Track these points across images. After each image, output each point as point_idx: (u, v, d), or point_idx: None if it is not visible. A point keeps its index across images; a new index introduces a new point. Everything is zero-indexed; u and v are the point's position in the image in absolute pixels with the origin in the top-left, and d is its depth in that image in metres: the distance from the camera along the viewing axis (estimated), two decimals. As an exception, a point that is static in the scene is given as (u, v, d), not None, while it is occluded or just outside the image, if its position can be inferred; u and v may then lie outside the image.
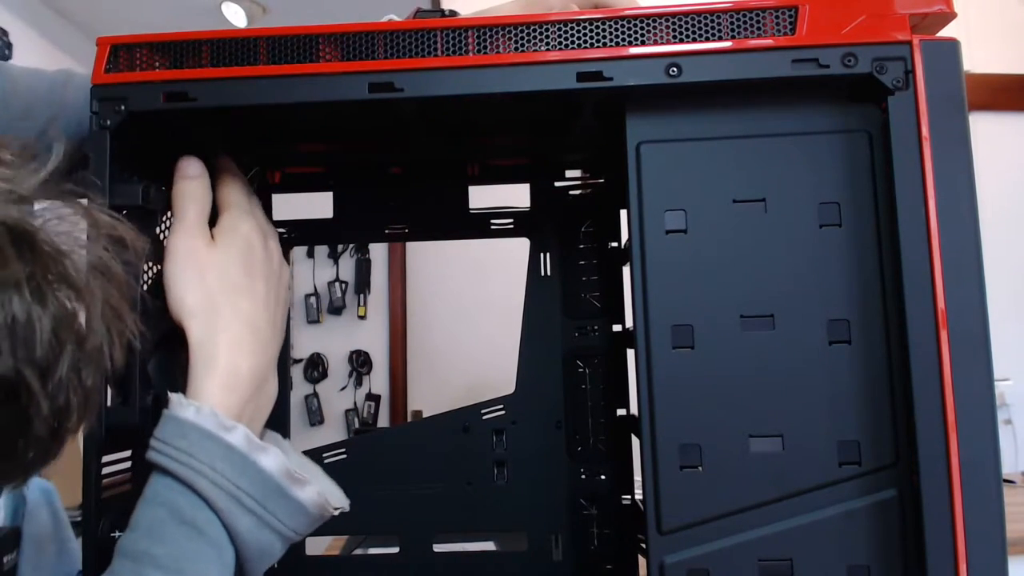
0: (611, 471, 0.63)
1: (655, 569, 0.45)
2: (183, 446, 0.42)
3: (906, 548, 0.43)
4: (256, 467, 0.42)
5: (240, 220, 0.50)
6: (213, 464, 0.41)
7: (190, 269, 0.46)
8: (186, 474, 0.41)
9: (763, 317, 0.45)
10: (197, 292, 0.46)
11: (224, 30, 0.47)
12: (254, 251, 0.50)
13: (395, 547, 0.64)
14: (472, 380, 2.49)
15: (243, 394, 0.45)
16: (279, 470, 0.43)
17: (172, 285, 0.46)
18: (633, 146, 0.47)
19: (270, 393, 0.49)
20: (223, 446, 0.42)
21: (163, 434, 0.42)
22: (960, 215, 0.43)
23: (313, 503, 0.44)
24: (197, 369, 0.45)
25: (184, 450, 0.41)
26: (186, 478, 0.41)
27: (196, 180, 0.49)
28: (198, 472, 0.41)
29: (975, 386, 0.42)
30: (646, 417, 0.45)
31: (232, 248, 0.49)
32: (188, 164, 0.50)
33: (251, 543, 0.42)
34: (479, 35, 0.46)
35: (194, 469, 0.41)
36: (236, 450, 0.42)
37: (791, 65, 0.45)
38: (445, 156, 0.65)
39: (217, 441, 0.42)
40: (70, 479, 1.87)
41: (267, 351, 0.48)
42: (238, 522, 0.42)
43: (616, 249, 0.65)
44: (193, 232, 0.48)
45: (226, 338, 0.46)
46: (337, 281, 2.90)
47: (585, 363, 0.65)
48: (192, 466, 0.41)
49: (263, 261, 0.50)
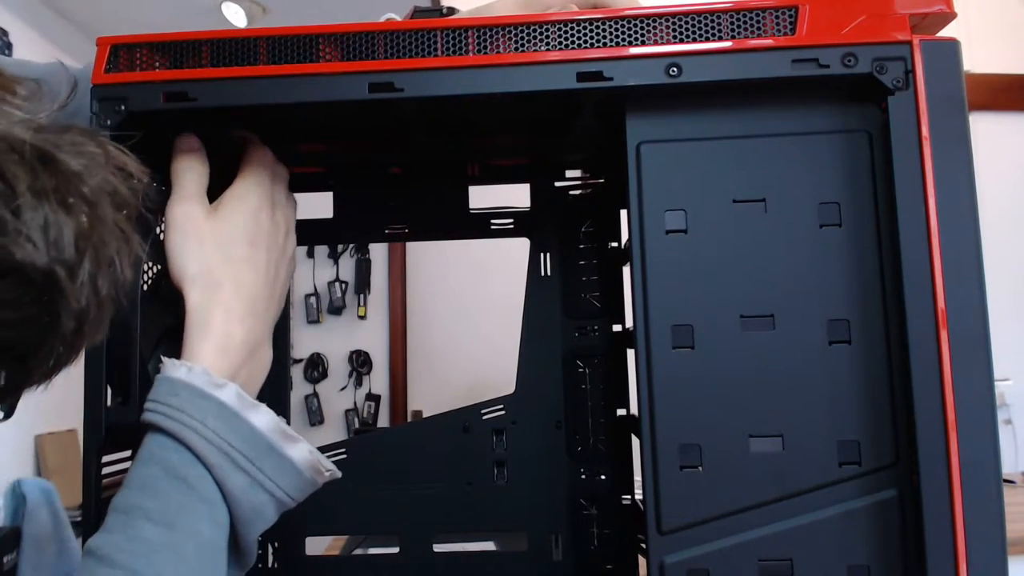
0: (611, 471, 0.63)
1: (655, 569, 0.45)
2: (175, 403, 0.42)
3: (906, 548, 0.43)
4: (247, 424, 0.43)
5: (248, 190, 0.51)
6: (204, 420, 0.42)
7: (190, 237, 0.47)
8: (178, 430, 0.41)
9: (763, 317, 0.45)
10: (197, 260, 0.47)
11: (224, 30, 0.47)
12: (260, 221, 0.50)
13: (395, 547, 0.64)
14: (472, 380, 2.49)
15: (235, 359, 0.46)
16: (271, 427, 0.44)
17: (173, 253, 0.47)
18: (633, 146, 0.47)
19: (264, 360, 0.50)
20: (215, 403, 0.43)
21: (156, 394, 0.43)
22: (960, 215, 0.43)
23: (305, 462, 0.45)
24: (191, 333, 0.46)
25: (176, 407, 0.42)
26: (178, 434, 0.41)
27: (193, 153, 0.50)
28: (189, 428, 0.41)
29: (975, 386, 0.42)
30: (646, 417, 0.45)
31: (235, 216, 0.49)
32: (185, 139, 0.51)
33: (243, 502, 0.42)
34: (479, 35, 0.46)
35: (185, 425, 0.42)
36: (227, 407, 0.43)
37: (791, 65, 0.45)
38: (445, 156, 0.65)
39: (208, 398, 0.43)
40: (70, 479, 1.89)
41: (264, 319, 0.49)
42: (229, 479, 0.42)
43: (616, 249, 0.65)
44: (191, 201, 0.48)
45: (222, 305, 0.46)
46: (337, 281, 2.90)
47: (585, 363, 0.65)
48: (184, 422, 0.42)
49: (268, 232, 0.51)
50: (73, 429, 2.82)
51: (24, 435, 2.64)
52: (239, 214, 0.49)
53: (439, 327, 2.80)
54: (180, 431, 0.42)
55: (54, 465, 2.66)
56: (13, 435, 2.59)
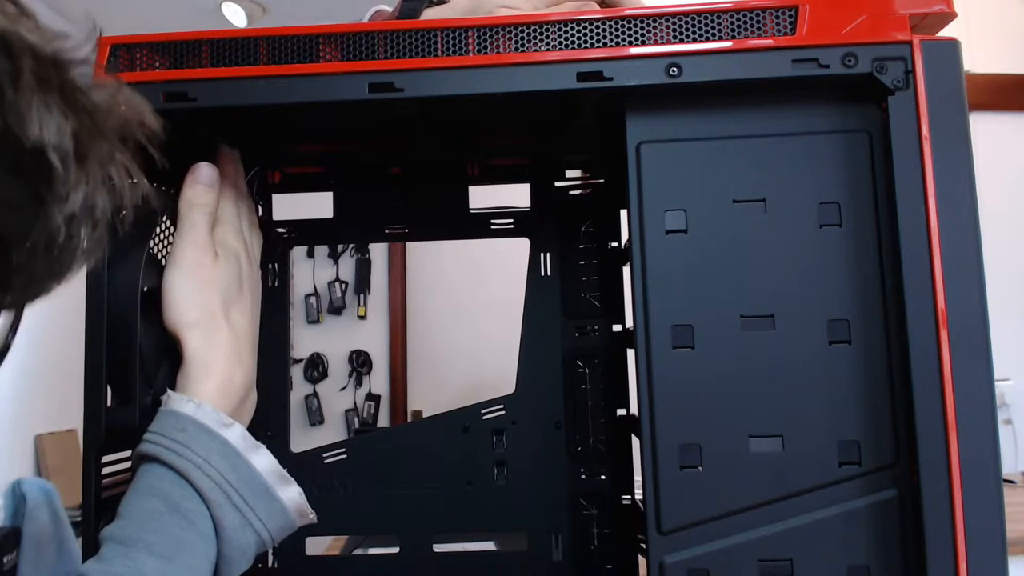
0: (611, 471, 0.63)
1: (655, 569, 0.45)
2: (180, 438, 0.42)
3: (906, 548, 0.43)
4: (249, 465, 0.44)
5: (229, 235, 0.51)
6: (208, 458, 0.42)
7: (196, 282, 0.47)
8: (182, 465, 0.42)
9: (763, 317, 0.45)
10: (198, 305, 0.47)
11: (224, 30, 0.47)
12: (241, 264, 0.51)
13: (395, 547, 0.64)
14: (472, 380, 2.49)
15: (235, 400, 0.47)
16: (269, 469, 0.44)
17: (175, 297, 0.47)
18: (633, 146, 0.47)
19: (254, 402, 0.51)
20: (220, 441, 0.43)
21: (160, 427, 0.43)
22: (960, 215, 0.43)
23: (294, 505, 0.46)
24: (193, 373, 0.46)
25: (181, 442, 0.42)
26: (181, 469, 0.42)
27: (210, 189, 0.50)
28: (194, 464, 0.42)
29: (975, 386, 0.42)
30: (646, 417, 0.45)
31: (229, 262, 0.50)
32: (203, 171, 0.50)
33: (234, 541, 0.43)
34: (479, 35, 0.46)
35: (190, 461, 0.42)
36: (231, 446, 0.43)
37: (791, 65, 0.45)
38: (445, 156, 0.65)
39: (215, 436, 0.43)
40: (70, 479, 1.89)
41: (253, 361, 0.50)
42: (226, 518, 0.42)
43: (616, 249, 0.65)
44: (203, 246, 0.48)
45: (223, 349, 0.47)
46: (337, 281, 2.90)
47: (585, 363, 0.64)
48: (188, 457, 0.42)
49: (248, 274, 0.51)
50: (73, 429, 2.81)
51: (24, 435, 2.64)
52: (230, 258, 0.50)
53: (439, 327, 2.80)
54: (184, 466, 0.42)
55: (54, 465, 2.66)
56: (13, 435, 2.59)
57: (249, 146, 0.62)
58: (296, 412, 2.80)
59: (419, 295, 2.87)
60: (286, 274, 0.65)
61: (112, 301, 0.46)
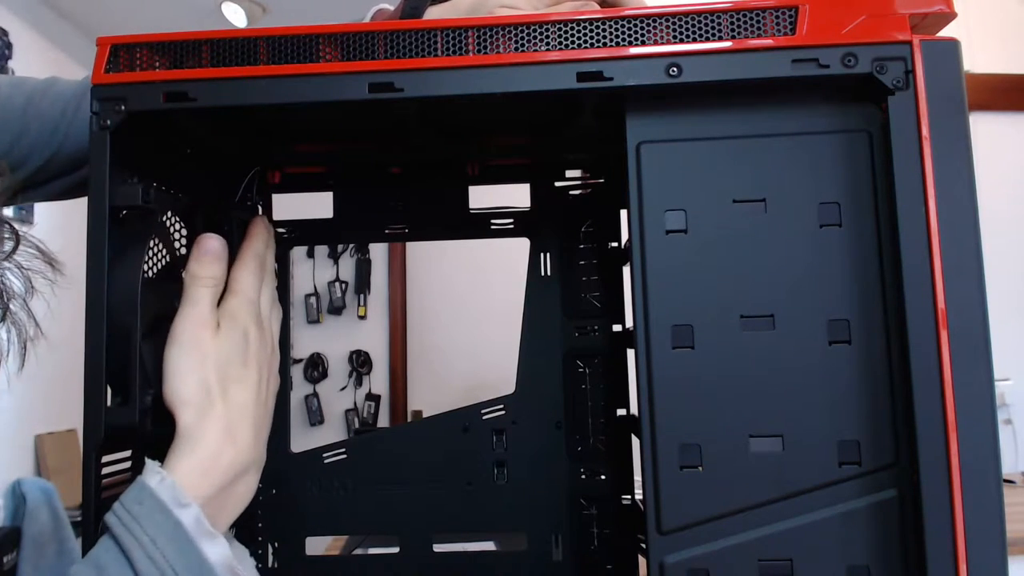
0: (611, 471, 0.63)
1: (655, 569, 0.45)
2: (135, 512, 0.41)
3: (906, 548, 0.43)
4: (199, 553, 0.41)
5: (241, 309, 0.49)
6: (156, 538, 0.40)
7: (192, 358, 0.46)
8: (127, 542, 0.40)
9: (763, 317, 0.45)
10: (193, 382, 0.46)
11: (224, 30, 0.47)
12: (250, 339, 0.49)
13: (395, 547, 0.64)
14: (472, 380, 2.49)
15: (217, 481, 0.44)
16: (221, 562, 0.42)
17: (169, 371, 0.46)
18: (633, 146, 0.47)
19: (248, 487, 0.48)
20: (172, 522, 0.41)
21: (125, 496, 0.42)
22: (960, 215, 0.43)
23: None
24: (179, 447, 0.44)
25: (135, 517, 0.41)
26: (125, 546, 0.40)
27: (216, 262, 0.49)
28: (139, 542, 0.40)
29: (975, 386, 0.42)
30: (646, 417, 0.45)
31: (233, 335, 0.48)
32: (209, 243, 0.49)
33: None
34: (479, 35, 0.46)
35: (135, 538, 0.40)
36: (183, 529, 0.41)
37: (791, 65, 0.45)
38: (445, 156, 0.65)
39: (167, 515, 0.41)
40: (70, 479, 1.89)
41: (257, 441, 0.48)
42: None
43: (616, 249, 0.65)
44: (202, 322, 0.47)
45: (216, 424, 0.45)
46: (337, 281, 2.90)
47: (585, 363, 0.65)
48: (136, 535, 0.40)
49: (258, 349, 0.50)
50: (73, 429, 2.82)
51: (24, 435, 2.64)
52: (236, 332, 0.48)
53: (439, 327, 2.80)
54: (128, 543, 0.40)
55: (54, 465, 2.66)
56: (13, 435, 2.59)
57: (249, 146, 0.62)
58: (296, 412, 2.80)
59: (419, 295, 2.87)
60: (286, 274, 0.65)
61: (112, 301, 0.45)
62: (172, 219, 0.57)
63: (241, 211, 0.65)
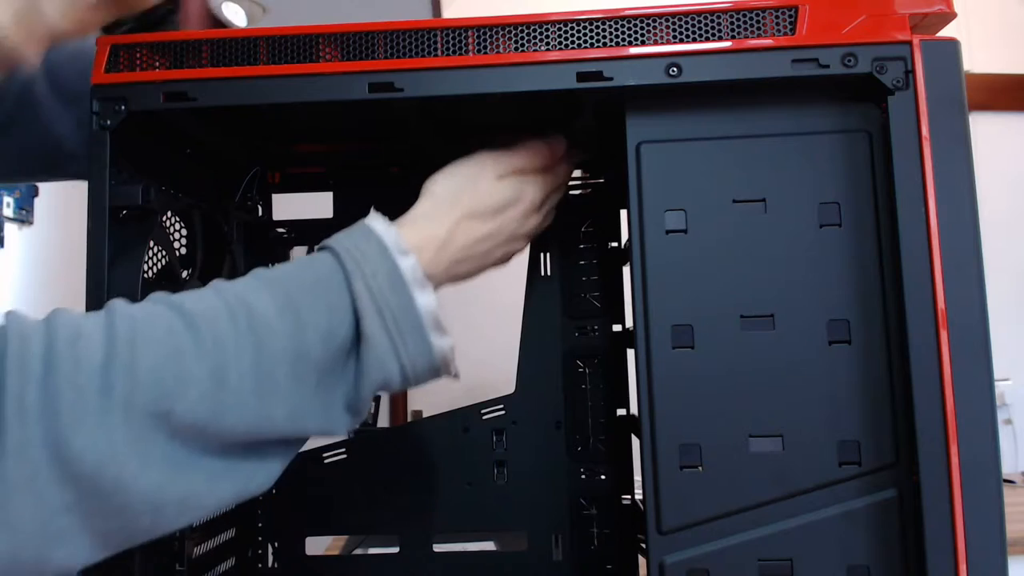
0: (611, 471, 0.63)
1: (655, 569, 0.45)
2: (362, 247, 0.43)
3: (906, 548, 0.43)
4: (410, 297, 0.43)
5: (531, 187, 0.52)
6: (376, 273, 0.42)
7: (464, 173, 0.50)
8: (350, 266, 0.42)
9: (763, 317, 0.45)
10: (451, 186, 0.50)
11: (224, 30, 0.47)
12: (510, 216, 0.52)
13: (395, 547, 0.64)
14: (472, 380, 2.48)
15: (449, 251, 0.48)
16: (428, 310, 0.43)
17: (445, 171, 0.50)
18: (633, 146, 0.47)
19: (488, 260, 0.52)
20: (391, 264, 0.43)
21: (351, 233, 0.44)
22: (960, 215, 0.43)
23: (442, 355, 0.44)
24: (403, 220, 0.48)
25: (361, 250, 0.43)
26: (347, 269, 0.42)
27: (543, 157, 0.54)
28: (361, 271, 0.42)
29: (975, 386, 0.42)
30: (646, 417, 0.45)
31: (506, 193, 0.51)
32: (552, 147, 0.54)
33: (375, 364, 0.42)
34: (479, 35, 0.46)
35: (359, 266, 0.42)
36: (400, 273, 0.43)
37: (791, 65, 0.45)
38: (445, 156, 0.65)
39: (388, 257, 0.43)
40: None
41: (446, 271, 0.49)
42: (375, 337, 0.41)
43: (616, 249, 0.65)
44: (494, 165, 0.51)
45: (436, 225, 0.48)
46: (337, 281, 2.89)
47: (585, 363, 0.65)
48: (359, 263, 0.42)
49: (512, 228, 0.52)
50: (73, 429, 2.81)
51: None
52: (510, 193, 0.51)
53: (439, 327, 2.80)
54: (351, 268, 0.42)
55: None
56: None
57: (249, 146, 0.62)
58: (296, 412, 2.78)
59: (419, 295, 2.87)
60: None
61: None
62: (172, 219, 0.57)
63: (241, 211, 0.65)
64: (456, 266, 0.49)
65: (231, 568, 0.62)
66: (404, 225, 0.47)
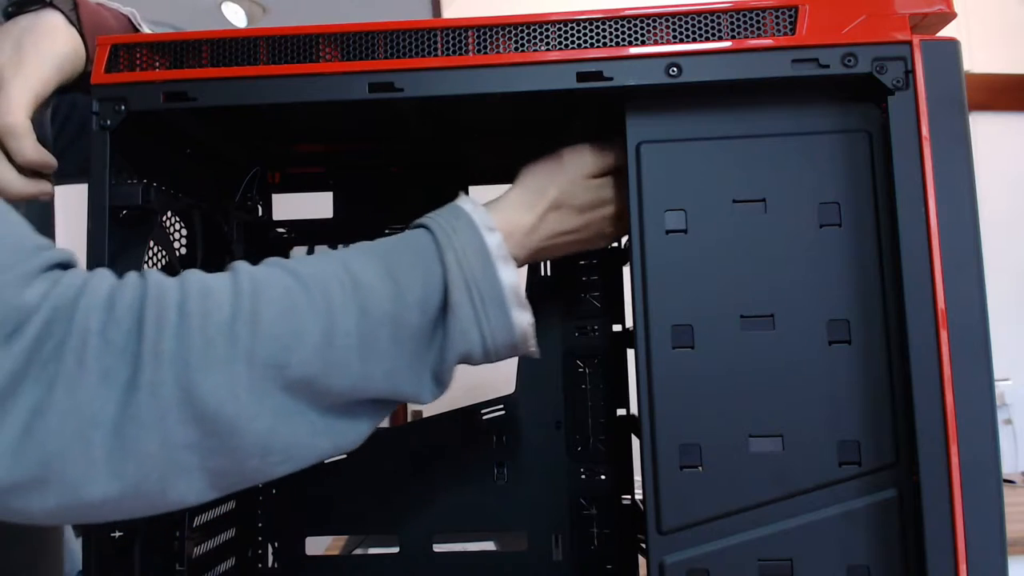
0: (611, 471, 0.63)
1: (655, 569, 0.45)
2: (454, 225, 0.45)
3: (906, 548, 0.43)
4: (495, 272, 0.45)
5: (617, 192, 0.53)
6: (465, 249, 0.44)
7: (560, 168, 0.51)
8: (443, 241, 0.44)
9: (763, 317, 0.45)
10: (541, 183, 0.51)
11: (224, 30, 0.47)
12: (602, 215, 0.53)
13: (395, 547, 0.64)
14: (472, 380, 2.48)
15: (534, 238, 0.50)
16: (511, 285, 0.45)
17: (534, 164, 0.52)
18: (633, 146, 0.47)
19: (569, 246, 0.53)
20: (479, 241, 0.45)
21: (443, 213, 0.47)
22: (960, 215, 0.43)
23: (521, 330, 0.46)
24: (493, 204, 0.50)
25: (453, 228, 0.45)
26: (440, 244, 0.44)
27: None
28: (452, 247, 0.44)
29: (975, 386, 0.42)
30: (646, 417, 0.45)
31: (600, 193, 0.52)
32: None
33: (458, 332, 0.43)
34: (479, 35, 0.46)
35: (451, 241, 0.44)
36: (487, 249, 0.45)
37: (791, 65, 0.45)
38: (445, 156, 0.65)
39: (476, 234, 0.45)
40: (70, 479, 1.81)
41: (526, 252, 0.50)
42: (459, 306, 0.43)
43: (616, 249, 0.65)
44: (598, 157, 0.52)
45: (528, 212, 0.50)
46: (337, 281, 2.89)
47: (585, 363, 0.65)
48: (451, 239, 0.45)
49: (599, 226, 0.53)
50: (73, 429, 2.81)
51: (24, 435, 2.63)
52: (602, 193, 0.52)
53: (439, 327, 2.80)
54: (444, 243, 0.44)
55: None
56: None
57: (249, 146, 0.62)
58: (296, 412, 2.78)
59: (419, 295, 2.86)
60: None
61: None
62: (172, 219, 0.57)
63: (241, 211, 0.65)
64: (540, 253, 0.51)
65: (231, 568, 0.62)
66: (494, 209, 0.49)
